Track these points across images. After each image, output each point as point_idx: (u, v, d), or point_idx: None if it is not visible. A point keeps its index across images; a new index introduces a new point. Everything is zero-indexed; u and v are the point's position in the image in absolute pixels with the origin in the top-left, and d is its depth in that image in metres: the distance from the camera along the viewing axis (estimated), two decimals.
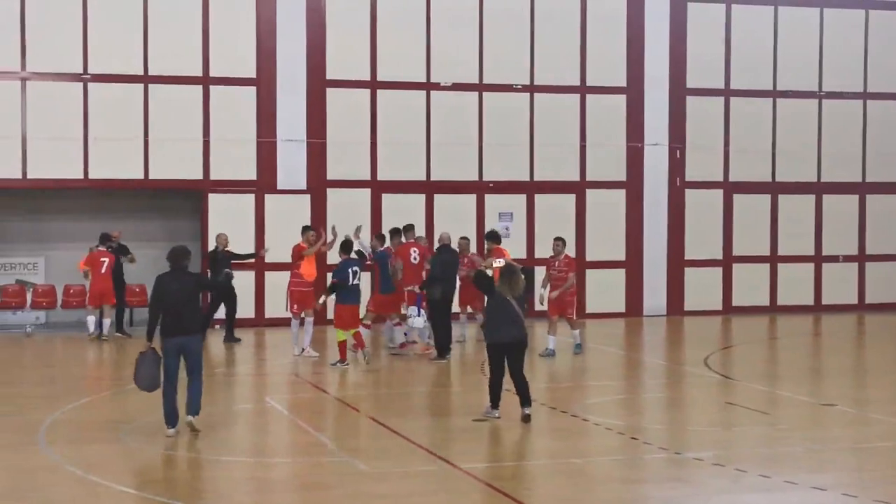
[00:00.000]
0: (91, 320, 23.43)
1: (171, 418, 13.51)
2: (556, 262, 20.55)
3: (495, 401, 14.58)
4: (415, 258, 20.68)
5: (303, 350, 20.55)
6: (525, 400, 14.38)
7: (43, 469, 12.16)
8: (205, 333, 19.77)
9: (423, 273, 20.59)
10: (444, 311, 20.17)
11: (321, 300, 20.27)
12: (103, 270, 23.21)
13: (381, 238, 21.83)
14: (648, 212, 28.31)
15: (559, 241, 20.75)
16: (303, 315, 20.84)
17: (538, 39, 27.59)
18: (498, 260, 19.33)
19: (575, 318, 20.89)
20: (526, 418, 14.26)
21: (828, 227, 29.52)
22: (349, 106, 26.50)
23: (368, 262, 21.10)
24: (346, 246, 19.59)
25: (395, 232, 21.69)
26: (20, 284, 25.66)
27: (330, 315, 21.25)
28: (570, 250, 27.36)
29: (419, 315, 20.27)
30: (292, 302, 20.93)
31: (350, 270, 19.06)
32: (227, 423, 14.78)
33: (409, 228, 21.67)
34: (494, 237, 21.43)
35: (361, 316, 20.14)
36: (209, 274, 22.18)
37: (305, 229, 21.67)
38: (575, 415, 15.04)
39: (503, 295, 14.53)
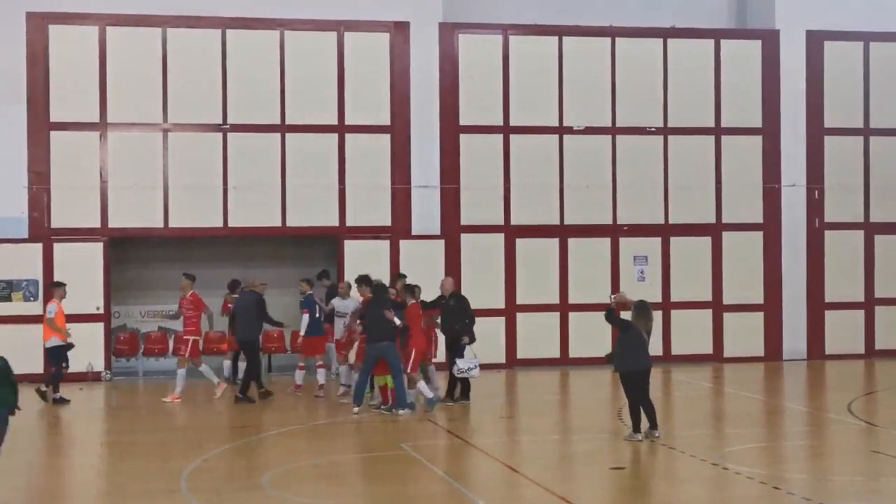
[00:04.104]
0: (226, 365, 23.87)
1: (358, 399, 18.69)
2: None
3: (636, 425, 16.02)
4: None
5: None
6: (654, 423, 16.16)
7: None
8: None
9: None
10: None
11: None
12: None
13: (310, 282, 22.32)
14: (787, 253, 27.83)
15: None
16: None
17: (671, 80, 27.42)
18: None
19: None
20: (654, 438, 15.97)
21: None
22: (482, 151, 26.63)
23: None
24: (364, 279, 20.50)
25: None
26: (162, 331, 26.25)
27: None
28: (706, 293, 27.40)
29: (476, 366, 20.18)
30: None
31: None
32: (361, 471, 14.85)
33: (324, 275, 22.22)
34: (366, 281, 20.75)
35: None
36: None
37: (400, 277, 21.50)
38: (715, 463, 14.79)
39: (639, 328, 16.12)
